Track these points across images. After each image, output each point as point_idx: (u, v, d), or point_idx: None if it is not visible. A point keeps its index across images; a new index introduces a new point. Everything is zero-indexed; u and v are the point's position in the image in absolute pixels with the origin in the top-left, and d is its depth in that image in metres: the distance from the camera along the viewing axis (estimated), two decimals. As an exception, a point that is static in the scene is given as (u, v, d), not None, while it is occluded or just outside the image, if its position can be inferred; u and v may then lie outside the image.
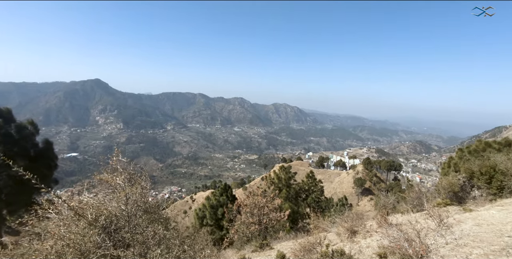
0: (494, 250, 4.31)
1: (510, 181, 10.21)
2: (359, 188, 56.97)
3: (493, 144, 18.99)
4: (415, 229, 3.59)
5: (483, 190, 11.11)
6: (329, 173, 77.39)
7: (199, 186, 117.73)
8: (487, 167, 10.94)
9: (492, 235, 4.96)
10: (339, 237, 6.62)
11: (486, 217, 6.42)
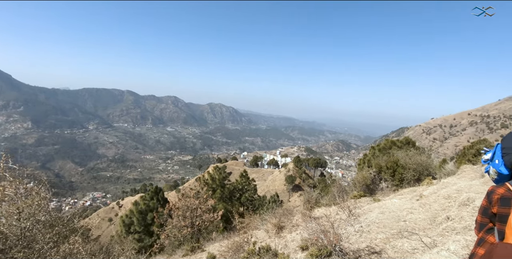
0: (393, 234, 5.06)
1: (408, 173, 12.13)
2: (290, 185, 60.44)
3: (397, 142, 22.16)
4: (329, 221, 3.98)
5: (388, 182, 12.95)
6: (262, 172, 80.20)
7: (127, 190, 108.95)
8: (391, 162, 12.78)
9: (392, 221, 5.81)
10: (268, 234, 6.89)
11: (389, 205, 7.49)
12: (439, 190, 7.58)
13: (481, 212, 1.81)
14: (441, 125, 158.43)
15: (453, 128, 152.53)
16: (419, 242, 4.20)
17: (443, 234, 4.37)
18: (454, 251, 3.02)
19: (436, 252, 3.12)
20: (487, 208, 1.75)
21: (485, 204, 1.77)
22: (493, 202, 1.71)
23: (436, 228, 4.89)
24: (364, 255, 4.28)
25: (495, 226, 1.71)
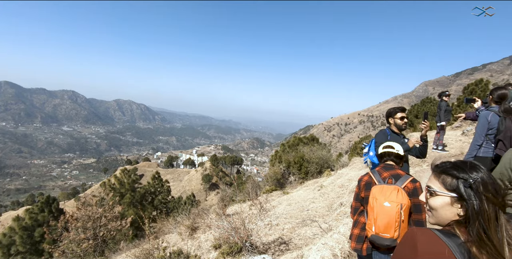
0: (298, 223, 5.53)
1: (312, 166, 13.55)
2: (207, 184, 59.99)
3: (303, 139, 24.36)
4: (241, 218, 4.07)
5: (296, 175, 14.19)
6: (178, 172, 77.16)
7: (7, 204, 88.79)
8: (298, 157, 14.03)
9: (298, 211, 6.36)
10: (181, 237, 6.62)
11: (295, 197, 8.19)
12: (336, 180, 8.70)
13: (355, 198, 2.13)
14: (338, 123, 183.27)
15: (348, 126, 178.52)
16: (318, 228, 4.69)
17: (338, 219, 5.01)
18: (343, 233, 3.50)
19: (330, 235, 3.55)
20: (358, 193, 2.08)
21: (357, 190, 2.10)
22: (361, 188, 2.04)
23: (332, 214, 5.56)
24: (273, 246, 4.53)
25: (364, 208, 2.03)
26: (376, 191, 1.82)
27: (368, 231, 1.84)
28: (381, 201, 1.74)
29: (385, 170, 1.99)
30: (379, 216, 1.73)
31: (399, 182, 1.85)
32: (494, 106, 2.91)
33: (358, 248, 1.96)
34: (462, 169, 0.89)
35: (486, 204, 0.83)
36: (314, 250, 3.12)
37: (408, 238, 0.90)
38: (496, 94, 2.94)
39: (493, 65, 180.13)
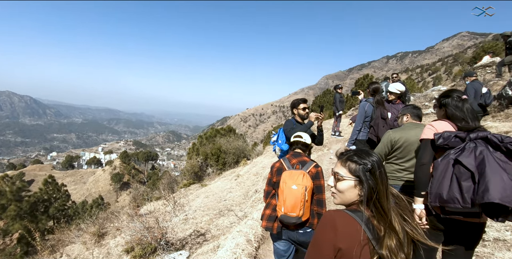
0: (216, 214, 5.59)
1: (229, 157, 13.83)
2: (117, 184, 54.60)
3: (221, 130, 24.48)
4: (154, 217, 3.87)
5: (214, 167, 14.26)
6: (81, 173, 67.72)
7: None
8: (215, 149, 14.08)
9: (215, 202, 6.42)
10: (85, 246, 5.89)
11: (213, 188, 8.25)
12: (251, 168, 9.10)
13: (267, 183, 2.32)
14: (253, 114, 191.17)
15: (262, 116, 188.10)
16: (235, 217, 4.85)
17: (253, 205, 5.27)
18: (257, 219, 3.72)
19: (244, 222, 3.73)
20: (270, 179, 2.27)
21: (269, 176, 2.29)
22: (273, 174, 2.23)
23: (248, 201, 5.82)
24: (191, 240, 4.47)
25: (276, 192, 2.23)
26: (285, 176, 2.02)
27: (278, 212, 2.02)
28: (289, 185, 1.94)
29: (294, 157, 2.22)
30: (287, 197, 1.93)
31: (304, 168, 2.09)
32: (370, 98, 3.54)
33: (269, 226, 2.14)
34: (362, 156, 1.04)
35: (380, 184, 1.00)
36: (229, 238, 3.22)
37: (328, 220, 1.00)
38: (371, 88, 3.59)
39: (376, 62, 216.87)
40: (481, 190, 1.34)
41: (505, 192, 1.28)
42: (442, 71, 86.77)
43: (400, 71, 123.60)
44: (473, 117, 1.68)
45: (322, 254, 0.97)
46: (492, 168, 1.36)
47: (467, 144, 1.51)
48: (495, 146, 1.43)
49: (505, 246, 2.35)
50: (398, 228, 0.96)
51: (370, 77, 23.39)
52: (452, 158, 1.50)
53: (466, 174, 1.42)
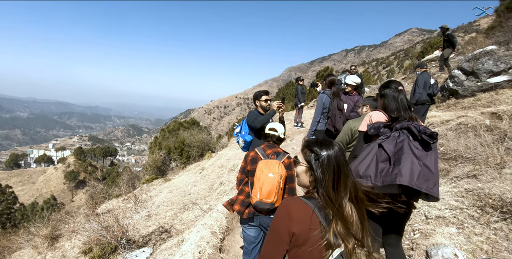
0: (180, 208, 5.50)
1: (194, 150, 13.58)
2: (72, 182, 51.01)
3: (184, 123, 23.87)
4: (113, 215, 3.69)
5: (177, 161, 13.92)
6: (29, 173, 62.16)
7: None
8: (179, 142, 13.72)
9: (180, 197, 6.30)
10: (37, 250, 5.46)
11: (177, 183, 8.07)
12: (216, 161, 9.03)
13: (241, 171, 2.42)
14: (218, 106, 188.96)
15: (227, 109, 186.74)
16: (200, 210, 4.81)
17: (218, 198, 5.27)
18: (221, 211, 3.73)
19: (209, 215, 3.72)
20: (244, 167, 2.37)
21: (243, 164, 2.39)
22: (248, 162, 2.33)
23: (213, 194, 5.80)
24: (154, 237, 4.36)
25: (249, 180, 2.33)
26: (262, 165, 2.14)
27: (253, 198, 2.13)
28: (266, 173, 2.08)
29: (269, 148, 2.34)
30: (264, 185, 2.06)
31: (279, 158, 2.23)
32: (327, 90, 3.69)
33: (242, 210, 2.26)
34: (318, 145, 1.10)
35: (327, 174, 1.05)
36: (194, 232, 3.19)
37: (284, 206, 1.07)
38: (327, 80, 3.76)
39: (335, 55, 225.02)
40: (394, 173, 1.52)
41: (414, 177, 1.48)
42: (395, 64, 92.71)
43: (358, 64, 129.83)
44: (404, 108, 1.81)
45: (278, 239, 1.04)
46: (407, 155, 1.53)
47: (393, 133, 1.66)
48: (414, 136, 1.59)
49: (444, 222, 2.63)
50: (347, 215, 1.02)
51: (330, 70, 24.22)
52: (377, 143, 1.66)
53: (384, 157, 1.59)
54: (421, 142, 1.59)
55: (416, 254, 2.33)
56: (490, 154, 3.47)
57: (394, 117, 1.80)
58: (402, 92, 1.88)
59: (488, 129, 4.74)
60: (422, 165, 1.55)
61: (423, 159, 1.56)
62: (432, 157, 1.59)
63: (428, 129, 1.60)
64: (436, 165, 1.62)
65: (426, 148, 1.60)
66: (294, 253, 1.03)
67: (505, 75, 6.30)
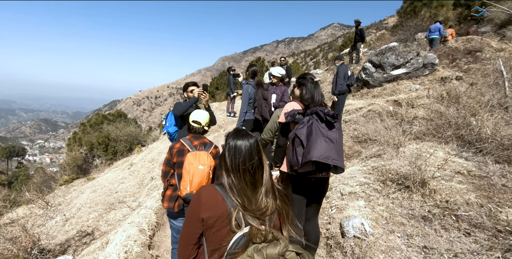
0: (106, 209, 5.07)
1: (121, 145, 12.53)
2: (-34, 191, 42.22)
3: (109, 116, 21.76)
4: (20, 224, 3.19)
5: (102, 157, 12.68)
6: None
7: None
8: (102, 137, 12.47)
9: (105, 196, 5.80)
10: None
11: (102, 181, 7.39)
12: (146, 155, 8.53)
13: (165, 163, 2.31)
14: (148, 97, 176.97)
15: (158, 99, 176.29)
16: (128, 208, 4.52)
17: (149, 194, 5.01)
18: (150, 206, 3.58)
19: (137, 212, 3.53)
20: (169, 159, 2.28)
21: (168, 156, 2.29)
22: (173, 154, 2.24)
23: (143, 190, 5.50)
24: (74, 242, 3.95)
25: (175, 172, 2.26)
26: (191, 157, 2.10)
27: (182, 190, 2.10)
28: (196, 165, 2.06)
29: (196, 139, 2.30)
30: (194, 177, 2.05)
31: (207, 149, 2.24)
32: (251, 80, 3.80)
33: (171, 206, 2.24)
34: (232, 136, 1.17)
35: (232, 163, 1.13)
36: (120, 232, 2.99)
37: (196, 193, 1.16)
38: (250, 70, 3.87)
39: (267, 46, 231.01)
40: (306, 152, 1.75)
41: (321, 152, 1.71)
42: (321, 56, 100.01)
43: (288, 55, 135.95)
44: (315, 96, 2.03)
45: (191, 223, 1.12)
46: (315, 135, 1.77)
47: (305, 119, 1.87)
48: (321, 118, 1.83)
49: (355, 197, 3.01)
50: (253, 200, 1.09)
51: (262, 60, 24.80)
52: (294, 132, 1.87)
53: (299, 142, 1.81)
54: (327, 122, 1.83)
55: (332, 227, 2.63)
56: (391, 136, 4.07)
57: (307, 104, 2.02)
58: (316, 83, 2.08)
59: (391, 115, 5.52)
60: (328, 141, 1.79)
61: (329, 136, 1.80)
62: (336, 134, 1.84)
63: (331, 111, 1.84)
64: (340, 140, 1.88)
65: (331, 127, 1.84)
66: (206, 235, 1.11)
67: (403, 68, 7.38)
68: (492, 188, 2.68)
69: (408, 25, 12.61)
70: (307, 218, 2.13)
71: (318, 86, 2.09)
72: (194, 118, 2.35)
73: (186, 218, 1.17)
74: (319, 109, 1.86)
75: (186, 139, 2.30)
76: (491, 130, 3.49)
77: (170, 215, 2.35)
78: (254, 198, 1.10)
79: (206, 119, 2.38)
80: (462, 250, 2.10)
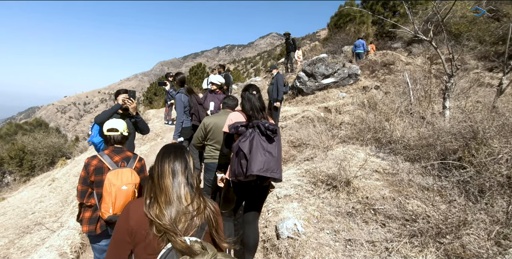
0: (19, 233, 4.38)
1: (40, 159, 10.98)
2: None
3: (25, 125, 19.00)
4: None
5: (16, 174, 10.94)
6: None
7: None
8: (16, 150, 10.80)
9: (18, 218, 5.01)
10: None
11: (15, 202, 6.36)
12: (72, 169, 7.65)
13: (81, 182, 2.04)
14: (75, 103, 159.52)
15: (87, 106, 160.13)
16: (47, 231, 3.98)
17: (73, 212, 4.48)
18: (74, 227, 3.21)
19: (57, 234, 3.13)
20: (86, 178, 2.00)
21: (84, 174, 2.01)
22: (91, 173, 1.98)
23: (67, 208, 4.91)
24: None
25: (94, 191, 2.03)
26: (112, 176, 1.89)
27: (104, 213, 1.90)
28: (119, 186, 1.86)
29: (116, 154, 2.07)
30: (117, 199, 1.86)
31: (130, 164, 2.04)
32: (181, 88, 3.75)
33: (92, 229, 2.02)
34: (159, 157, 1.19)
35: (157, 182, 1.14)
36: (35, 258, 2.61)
37: (125, 207, 1.15)
38: (178, 79, 3.83)
39: (208, 52, 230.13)
40: (248, 165, 1.86)
41: (261, 166, 1.84)
42: (261, 64, 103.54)
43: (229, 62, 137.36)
44: (257, 109, 2.14)
45: (119, 239, 1.10)
46: (256, 148, 1.88)
47: (248, 131, 1.96)
48: (262, 131, 1.94)
49: (290, 199, 3.18)
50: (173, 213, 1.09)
51: (203, 66, 24.58)
52: (237, 144, 1.95)
53: (242, 155, 1.90)
54: (267, 136, 1.95)
55: (268, 230, 2.72)
56: (321, 140, 4.42)
57: (249, 115, 2.13)
58: (254, 95, 2.18)
59: (322, 120, 5.99)
60: (268, 154, 1.91)
61: (269, 150, 1.92)
62: (275, 148, 1.97)
63: (271, 126, 1.96)
64: (279, 153, 2.01)
65: (271, 140, 1.97)
66: (135, 251, 1.08)
67: (332, 77, 8.10)
68: (402, 183, 3.10)
69: (336, 39, 13.96)
70: (247, 222, 2.21)
71: (259, 98, 2.19)
72: (110, 126, 2.15)
73: (114, 234, 1.12)
74: (261, 122, 1.96)
75: (104, 154, 2.05)
76: (401, 132, 4.05)
77: (92, 238, 2.13)
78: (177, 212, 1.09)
79: (123, 125, 2.20)
80: (378, 239, 2.38)
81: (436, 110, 4.87)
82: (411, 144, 3.76)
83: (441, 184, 2.97)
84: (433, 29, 4.47)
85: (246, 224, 2.20)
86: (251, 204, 2.18)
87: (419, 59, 10.01)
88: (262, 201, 2.24)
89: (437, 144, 3.42)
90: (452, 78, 4.22)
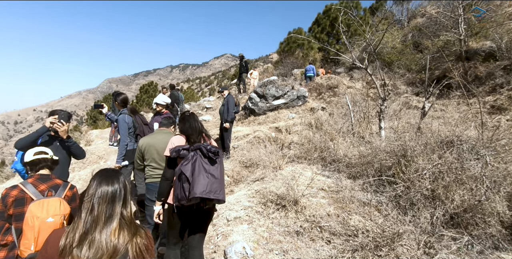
0: None
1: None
2: None
3: None
4: None
5: None
6: None
7: None
8: None
9: None
10: None
11: None
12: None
13: None
14: (4, 122, 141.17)
15: (19, 125, 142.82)
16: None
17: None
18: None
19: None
20: (2, 211, 1.74)
21: (1, 208, 1.74)
22: (9, 205, 1.72)
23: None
24: None
25: (12, 226, 1.75)
26: (35, 208, 1.67)
27: (24, 251, 1.65)
28: (43, 218, 1.65)
29: (42, 182, 1.84)
30: (41, 233, 1.64)
31: (59, 193, 1.82)
32: (124, 109, 3.58)
33: None
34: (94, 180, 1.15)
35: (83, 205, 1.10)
36: None
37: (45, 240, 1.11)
38: (119, 99, 3.59)
39: (161, 70, 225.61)
40: (191, 189, 1.85)
41: (203, 188, 1.85)
42: (215, 83, 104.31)
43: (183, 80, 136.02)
44: (197, 132, 2.16)
45: None
46: (198, 171, 1.88)
47: (190, 155, 1.96)
48: (204, 154, 1.96)
49: (240, 221, 3.15)
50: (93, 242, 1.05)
51: (155, 84, 23.94)
52: (179, 168, 1.93)
53: (185, 178, 1.89)
54: (209, 158, 1.96)
55: (217, 255, 2.64)
56: (271, 160, 4.53)
57: (188, 136, 2.14)
58: (194, 118, 2.21)
59: (273, 140, 6.16)
60: (211, 176, 1.92)
61: (211, 172, 1.93)
62: (218, 169, 1.98)
63: (213, 148, 1.99)
64: (222, 175, 2.03)
65: (213, 162, 1.98)
66: None
67: (282, 99, 8.49)
68: (344, 200, 3.29)
69: (286, 62, 14.84)
70: (192, 247, 2.15)
71: (196, 119, 2.22)
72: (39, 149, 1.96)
73: None
74: (202, 145, 1.98)
75: (27, 183, 1.81)
76: (343, 151, 4.35)
77: None
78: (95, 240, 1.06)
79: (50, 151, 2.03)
80: (325, 256, 2.46)
81: (373, 130, 5.36)
82: (353, 162, 4.05)
83: (378, 199, 3.22)
84: (368, 57, 5.03)
85: (191, 249, 2.15)
86: (195, 228, 2.14)
87: (359, 83, 11.05)
88: (206, 224, 2.21)
89: (375, 162, 3.74)
90: (386, 102, 4.73)
